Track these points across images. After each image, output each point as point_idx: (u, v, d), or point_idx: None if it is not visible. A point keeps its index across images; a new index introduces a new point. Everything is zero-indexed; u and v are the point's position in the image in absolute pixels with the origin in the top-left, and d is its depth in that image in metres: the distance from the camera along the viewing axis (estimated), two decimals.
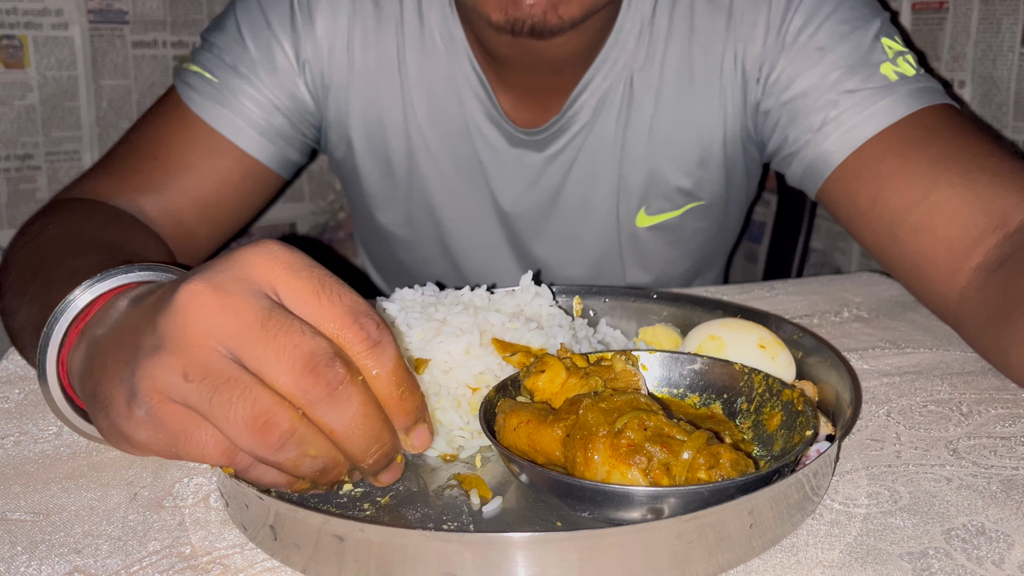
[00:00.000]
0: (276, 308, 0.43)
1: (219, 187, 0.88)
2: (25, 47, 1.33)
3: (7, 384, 0.66)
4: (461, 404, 0.56)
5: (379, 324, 0.45)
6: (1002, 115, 1.06)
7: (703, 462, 0.45)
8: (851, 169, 0.78)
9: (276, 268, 0.44)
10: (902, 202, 0.74)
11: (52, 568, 0.44)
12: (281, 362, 0.42)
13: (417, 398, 0.46)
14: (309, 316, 0.44)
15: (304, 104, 0.91)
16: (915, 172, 0.73)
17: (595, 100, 0.88)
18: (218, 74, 0.88)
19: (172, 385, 0.44)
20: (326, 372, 0.42)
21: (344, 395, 0.43)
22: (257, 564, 0.44)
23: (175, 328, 0.43)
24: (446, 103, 0.90)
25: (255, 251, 0.45)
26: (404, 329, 0.59)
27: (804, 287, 0.87)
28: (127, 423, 0.46)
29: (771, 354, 0.60)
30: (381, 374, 0.44)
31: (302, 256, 0.45)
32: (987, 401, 0.61)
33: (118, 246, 0.71)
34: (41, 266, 0.65)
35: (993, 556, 0.44)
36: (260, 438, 0.42)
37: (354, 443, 0.44)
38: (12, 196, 1.34)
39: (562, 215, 0.95)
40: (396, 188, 0.97)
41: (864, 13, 0.82)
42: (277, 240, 0.45)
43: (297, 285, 0.44)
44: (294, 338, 0.42)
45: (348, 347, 0.44)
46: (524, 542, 0.40)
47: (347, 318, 0.44)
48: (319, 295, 0.44)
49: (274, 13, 0.89)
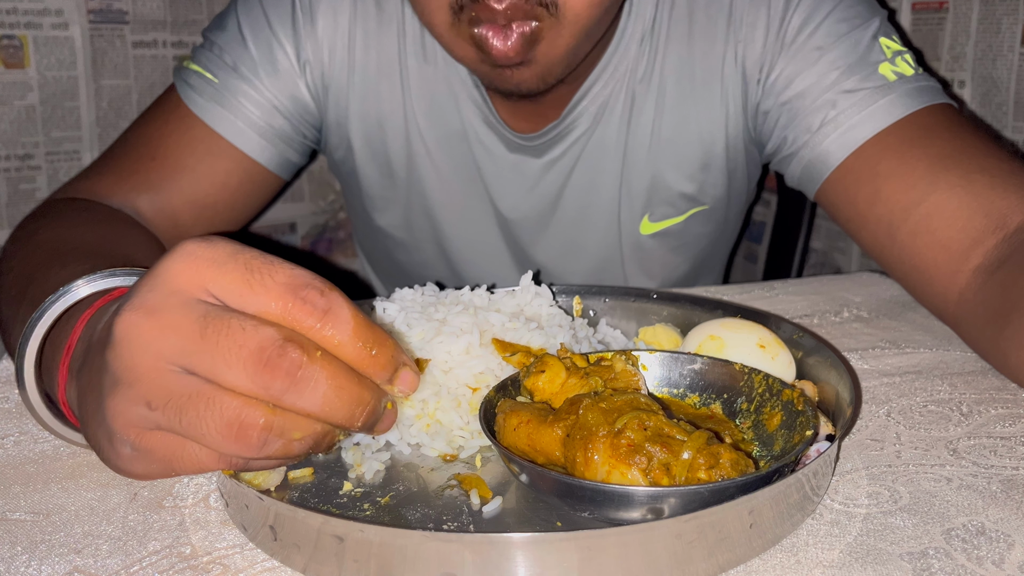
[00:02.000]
0: (211, 312, 0.42)
1: (217, 189, 0.88)
2: (25, 47, 1.33)
3: (7, 384, 0.66)
4: (461, 404, 0.56)
5: (323, 290, 0.43)
6: (1002, 115, 1.06)
7: (703, 462, 0.45)
8: (849, 170, 0.77)
9: (200, 269, 0.43)
10: (901, 203, 0.73)
11: (52, 568, 0.44)
12: (232, 367, 0.41)
13: (388, 349, 0.45)
14: (249, 307, 0.42)
15: (305, 105, 0.91)
16: (914, 173, 0.73)
17: (595, 107, 0.87)
18: (218, 74, 0.87)
19: (142, 416, 0.44)
20: (280, 362, 0.41)
21: (307, 378, 0.42)
22: (257, 564, 0.44)
23: (123, 361, 0.43)
24: (445, 107, 0.90)
25: (176, 258, 0.43)
26: (404, 329, 0.59)
27: (804, 287, 0.87)
28: (120, 462, 0.47)
29: (771, 354, 0.60)
30: (342, 340, 0.43)
31: (223, 246, 0.43)
32: (987, 401, 0.61)
33: (107, 250, 0.70)
34: (31, 277, 0.65)
35: (993, 556, 0.44)
36: (240, 442, 0.42)
37: (336, 416, 0.43)
38: (12, 196, 1.34)
39: (562, 222, 0.95)
40: (395, 190, 0.96)
41: (862, 12, 0.81)
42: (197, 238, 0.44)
43: (225, 280, 0.43)
44: (236, 338, 0.41)
45: (298, 325, 0.42)
46: (524, 542, 0.40)
47: (286, 297, 0.42)
48: (250, 283, 0.42)
49: (275, 13, 0.88)
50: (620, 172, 0.90)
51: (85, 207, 0.81)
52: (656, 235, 0.95)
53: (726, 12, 0.85)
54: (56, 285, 0.59)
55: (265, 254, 0.44)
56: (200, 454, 0.45)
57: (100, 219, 0.79)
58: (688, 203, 0.93)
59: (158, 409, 0.43)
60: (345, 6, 0.89)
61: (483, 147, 0.91)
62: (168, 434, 0.44)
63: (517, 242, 0.97)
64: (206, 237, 0.44)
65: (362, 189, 0.98)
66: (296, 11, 0.88)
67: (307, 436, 0.44)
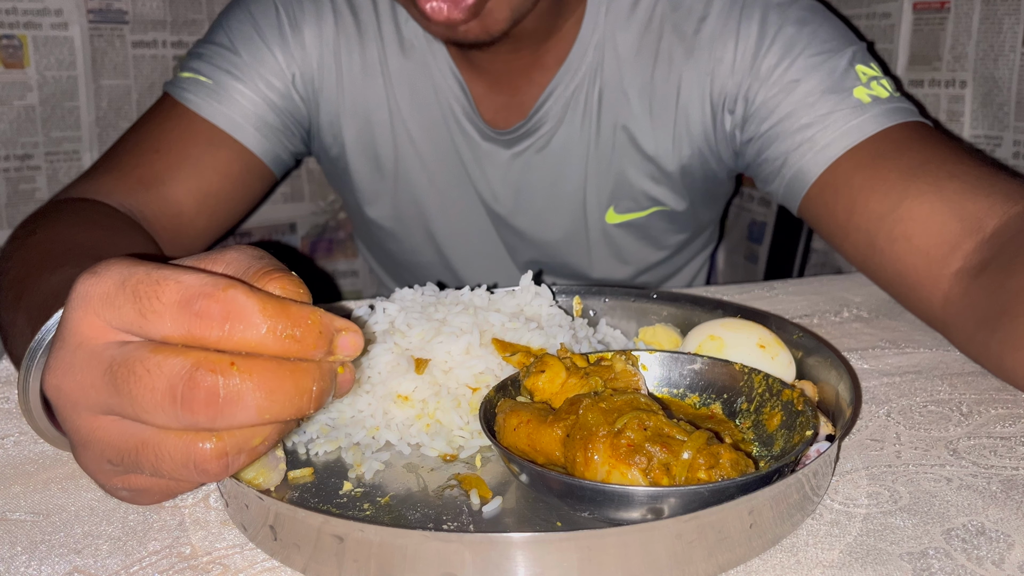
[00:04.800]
0: (116, 359, 0.40)
1: (220, 178, 0.91)
2: (25, 47, 1.33)
3: (7, 384, 0.66)
4: (461, 404, 0.56)
5: (216, 296, 0.39)
6: (1003, 115, 1.06)
7: (703, 462, 0.45)
8: (827, 184, 0.80)
9: (96, 310, 0.40)
10: (876, 212, 0.75)
11: (52, 568, 0.44)
12: (151, 412, 0.39)
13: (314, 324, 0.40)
14: (153, 336, 0.40)
15: (295, 105, 0.95)
16: (886, 183, 0.75)
17: (559, 106, 0.92)
18: (212, 75, 0.91)
19: (110, 471, 0.44)
20: (194, 395, 0.38)
21: (230, 398, 0.38)
22: (257, 564, 0.44)
23: (68, 424, 0.43)
24: (426, 98, 0.95)
25: (73, 306, 0.41)
26: (404, 329, 0.59)
27: (804, 287, 0.87)
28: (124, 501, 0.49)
29: (771, 354, 0.60)
30: (256, 337, 0.39)
31: (110, 275, 0.40)
32: (987, 401, 0.61)
33: (101, 252, 0.70)
34: (24, 281, 0.65)
35: (993, 556, 0.44)
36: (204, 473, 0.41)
37: (280, 416, 0.40)
38: (12, 196, 1.34)
39: (532, 207, 1.00)
40: (384, 182, 1.01)
41: (837, 44, 0.84)
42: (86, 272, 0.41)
43: (119, 316, 0.40)
44: (144, 382, 0.39)
45: (203, 342, 0.39)
46: (524, 542, 0.40)
47: (181, 316, 0.39)
48: (142, 312, 0.39)
49: (263, 23, 0.93)
50: (584, 166, 0.95)
51: (84, 208, 0.82)
52: (622, 225, 0.99)
53: (689, 43, 0.88)
54: (47, 293, 0.59)
55: (155, 269, 0.40)
56: (182, 484, 0.46)
57: (97, 220, 0.80)
58: (650, 202, 0.97)
59: (119, 463, 0.42)
60: (327, 17, 0.95)
61: (463, 136, 0.96)
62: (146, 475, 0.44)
63: (495, 224, 1.02)
64: (94, 270, 0.41)
65: (354, 184, 1.02)
66: (283, 22, 0.93)
67: (268, 437, 0.42)
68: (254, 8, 0.94)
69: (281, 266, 0.43)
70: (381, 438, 0.55)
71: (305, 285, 0.43)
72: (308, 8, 0.94)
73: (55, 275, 0.62)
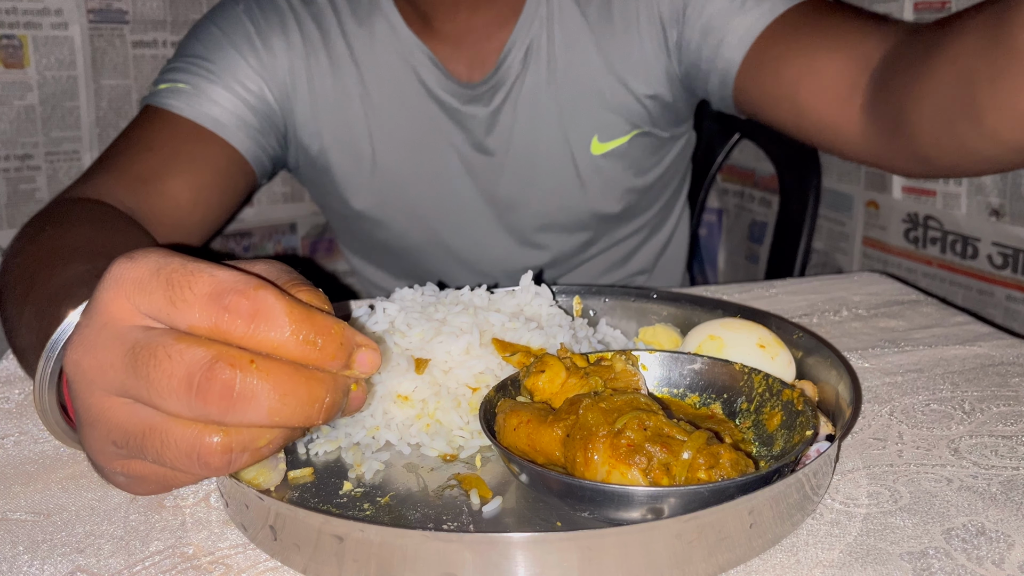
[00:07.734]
0: (140, 342, 0.41)
1: (211, 172, 0.94)
2: (25, 47, 1.33)
3: (7, 384, 0.66)
4: (461, 404, 0.56)
5: (247, 292, 0.40)
6: None
7: (703, 462, 0.45)
8: (752, 63, 0.91)
9: (128, 293, 0.41)
10: (795, 74, 0.86)
11: (54, 567, 0.44)
12: (167, 398, 0.40)
13: (336, 335, 0.41)
14: (179, 324, 0.40)
15: (271, 108, 0.99)
16: (798, 46, 0.87)
17: (522, 53, 0.97)
18: (189, 81, 0.95)
19: (115, 452, 0.44)
20: (210, 386, 0.39)
21: (245, 395, 0.39)
22: (260, 564, 0.44)
23: (80, 401, 0.43)
24: (399, 78, 0.99)
25: (105, 286, 0.42)
26: (404, 329, 0.59)
27: (804, 287, 0.87)
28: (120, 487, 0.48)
29: (771, 354, 0.60)
30: (280, 340, 0.40)
31: (147, 262, 0.41)
32: (989, 399, 0.61)
33: (108, 250, 0.71)
34: (34, 278, 0.66)
35: (993, 556, 0.44)
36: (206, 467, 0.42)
37: (290, 421, 0.41)
38: (12, 196, 1.34)
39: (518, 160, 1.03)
40: (364, 172, 1.03)
41: None
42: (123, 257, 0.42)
43: (150, 301, 0.41)
44: (164, 368, 0.40)
45: (228, 337, 0.40)
46: (524, 542, 0.40)
47: (209, 308, 0.40)
48: (173, 300, 0.40)
49: (233, 34, 0.98)
50: (558, 105, 1.00)
51: (88, 207, 0.83)
52: (607, 155, 1.04)
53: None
54: (57, 286, 0.59)
55: (191, 261, 0.41)
56: (181, 476, 0.45)
57: (101, 218, 0.81)
58: (628, 126, 1.03)
59: (124, 446, 0.43)
60: (292, 25, 0.99)
61: (438, 103, 0.99)
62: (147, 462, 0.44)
63: (482, 184, 1.05)
64: (132, 255, 0.42)
65: (336, 180, 1.05)
66: (251, 32, 0.98)
67: (273, 440, 0.42)
68: (221, 22, 0.99)
69: (308, 281, 0.45)
70: (381, 438, 0.55)
71: (330, 303, 0.44)
72: (273, 19, 0.99)
73: (63, 271, 0.63)
